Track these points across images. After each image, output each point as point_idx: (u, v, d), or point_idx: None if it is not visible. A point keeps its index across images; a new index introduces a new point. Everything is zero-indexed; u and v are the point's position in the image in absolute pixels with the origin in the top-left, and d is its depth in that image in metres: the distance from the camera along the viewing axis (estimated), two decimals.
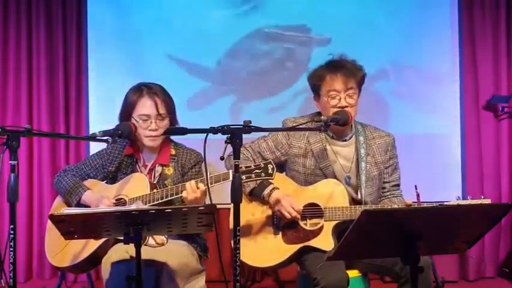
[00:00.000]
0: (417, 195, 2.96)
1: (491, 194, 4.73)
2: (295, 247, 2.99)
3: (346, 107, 3.00)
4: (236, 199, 2.53)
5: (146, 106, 3.06)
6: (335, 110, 2.99)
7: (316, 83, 3.08)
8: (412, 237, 2.17)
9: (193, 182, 2.89)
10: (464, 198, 3.00)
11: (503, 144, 4.79)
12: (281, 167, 3.16)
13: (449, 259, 4.59)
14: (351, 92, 3.02)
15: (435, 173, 4.58)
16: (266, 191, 3.02)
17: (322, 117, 2.97)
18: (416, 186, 2.94)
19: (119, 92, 3.25)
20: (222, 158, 2.61)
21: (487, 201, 2.94)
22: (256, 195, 3.07)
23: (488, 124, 4.78)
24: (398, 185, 3.19)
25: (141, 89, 3.10)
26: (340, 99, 3.00)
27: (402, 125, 4.49)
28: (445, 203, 2.86)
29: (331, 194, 3.02)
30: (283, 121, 3.17)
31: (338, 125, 2.96)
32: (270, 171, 2.79)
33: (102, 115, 4.52)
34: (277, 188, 3.03)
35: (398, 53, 4.65)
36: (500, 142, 4.79)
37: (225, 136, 2.55)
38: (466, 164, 4.70)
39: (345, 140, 3.13)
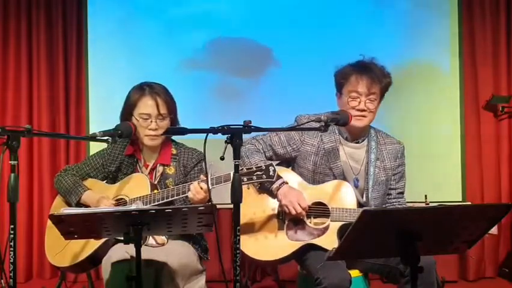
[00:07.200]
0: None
1: (491, 194, 4.73)
2: (299, 244, 2.98)
3: (365, 110, 2.98)
4: (236, 199, 2.51)
5: (147, 105, 3.06)
6: (354, 111, 2.98)
7: (340, 80, 3.05)
8: (412, 237, 2.17)
9: (196, 183, 2.88)
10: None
11: (503, 144, 4.79)
12: (287, 163, 3.15)
13: (449, 259, 4.58)
14: (373, 97, 3.00)
15: (435, 173, 4.57)
16: (275, 185, 2.99)
17: (322, 117, 2.95)
18: (426, 196, 2.91)
19: (119, 92, 3.25)
20: (222, 158, 2.60)
21: None
22: (265, 188, 3.05)
23: (488, 124, 4.77)
24: (403, 193, 3.19)
25: (143, 88, 3.10)
26: (360, 102, 2.98)
27: (402, 125, 4.48)
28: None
29: (339, 195, 3.01)
30: (296, 117, 3.12)
31: (338, 125, 2.95)
32: (271, 173, 2.77)
33: (102, 115, 4.52)
34: (287, 183, 3.00)
35: (397, 52, 4.64)
36: (500, 142, 4.79)
37: (225, 136, 2.54)
38: (466, 165, 4.69)
39: (358, 142, 3.11)
